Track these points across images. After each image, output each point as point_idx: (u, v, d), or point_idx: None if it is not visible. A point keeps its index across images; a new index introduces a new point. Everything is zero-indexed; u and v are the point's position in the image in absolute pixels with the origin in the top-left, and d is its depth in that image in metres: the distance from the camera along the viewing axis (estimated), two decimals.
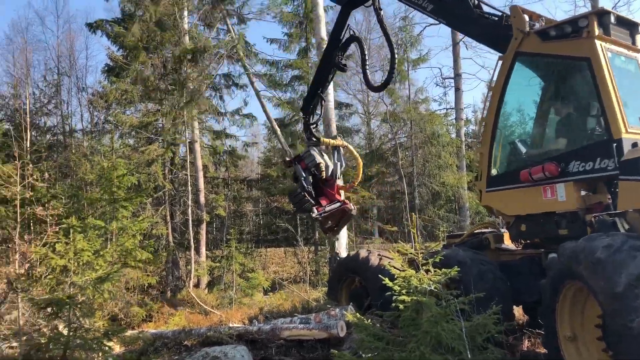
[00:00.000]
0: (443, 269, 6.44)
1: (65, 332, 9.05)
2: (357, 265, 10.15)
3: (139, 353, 9.32)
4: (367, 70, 9.58)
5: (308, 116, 10.18)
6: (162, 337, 9.81)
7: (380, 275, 7.16)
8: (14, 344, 9.61)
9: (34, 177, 9.73)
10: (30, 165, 8.95)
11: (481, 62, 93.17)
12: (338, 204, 9.74)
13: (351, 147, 10.79)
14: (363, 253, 10.38)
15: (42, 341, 8.95)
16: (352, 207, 10.11)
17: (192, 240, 19.86)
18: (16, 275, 9.29)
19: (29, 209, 10.64)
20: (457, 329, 5.74)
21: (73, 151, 23.66)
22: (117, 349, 10.08)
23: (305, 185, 9.61)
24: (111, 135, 21.09)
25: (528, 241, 8.52)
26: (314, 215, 9.63)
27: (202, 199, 21.66)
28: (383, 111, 30.56)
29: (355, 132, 29.70)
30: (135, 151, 21.03)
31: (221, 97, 27.33)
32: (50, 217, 11.42)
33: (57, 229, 10.77)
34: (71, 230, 9.45)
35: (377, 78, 36.55)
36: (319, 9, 17.61)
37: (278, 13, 24.43)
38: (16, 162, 10.25)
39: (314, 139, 10.01)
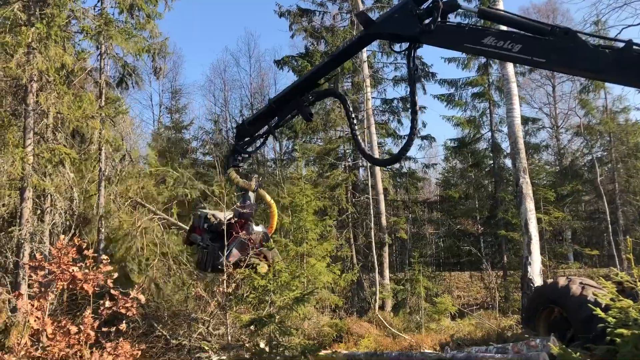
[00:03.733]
0: None
1: (266, 348, 9.74)
2: (557, 294, 9.43)
3: None
4: (359, 137, 7.94)
5: (241, 141, 9.03)
6: (354, 359, 10.00)
7: (589, 306, 6.49)
8: (223, 357, 10.58)
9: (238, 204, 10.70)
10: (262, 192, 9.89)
11: None
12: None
13: (261, 192, 9.43)
14: (562, 281, 9.62)
15: (247, 356, 9.74)
16: (247, 232, 9.02)
17: (375, 263, 20.16)
18: (224, 294, 10.22)
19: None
20: None
21: (266, 178, 25.71)
22: None
23: (202, 244, 9.01)
24: (298, 163, 22.46)
25: None
26: (220, 263, 8.97)
27: (383, 222, 21.90)
28: (575, 124, 28.24)
29: (543, 148, 27.71)
30: (320, 177, 22.13)
31: (399, 121, 27.61)
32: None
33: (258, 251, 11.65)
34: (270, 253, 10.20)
35: (566, 89, 33.94)
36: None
37: None
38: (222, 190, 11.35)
39: (230, 170, 8.99)
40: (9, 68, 12.89)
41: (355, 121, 8.18)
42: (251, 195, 9.20)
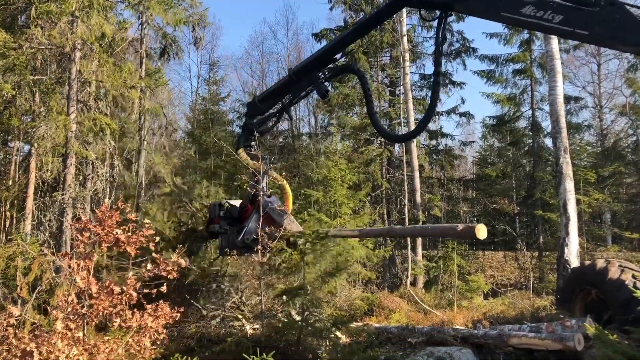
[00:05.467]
0: None
1: (298, 318, 9.90)
2: (594, 276, 9.29)
3: (365, 345, 9.71)
4: (376, 112, 7.71)
5: (253, 119, 8.88)
6: (386, 332, 10.09)
7: (629, 288, 6.37)
8: (256, 326, 10.81)
9: (273, 176, 10.80)
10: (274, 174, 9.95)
11: None
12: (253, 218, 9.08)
13: (272, 173, 9.36)
14: (601, 263, 9.45)
15: (279, 325, 9.92)
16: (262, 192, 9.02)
17: (409, 239, 20.14)
18: (259, 265, 10.38)
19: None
20: None
21: (301, 152, 25.80)
22: (344, 339, 10.68)
23: (221, 230, 9.29)
24: (334, 137, 22.46)
25: None
26: (255, 246, 9.22)
27: (417, 199, 21.80)
28: (620, 104, 27.31)
29: (585, 128, 26.92)
30: (355, 152, 22.09)
31: None
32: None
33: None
34: (304, 225, 10.31)
35: (612, 67, 32.75)
36: None
37: None
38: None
39: (240, 150, 8.98)
40: (53, 36, 13.18)
41: (372, 99, 7.99)
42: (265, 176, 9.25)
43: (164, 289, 5.11)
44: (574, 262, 13.65)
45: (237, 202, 10.12)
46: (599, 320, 8.61)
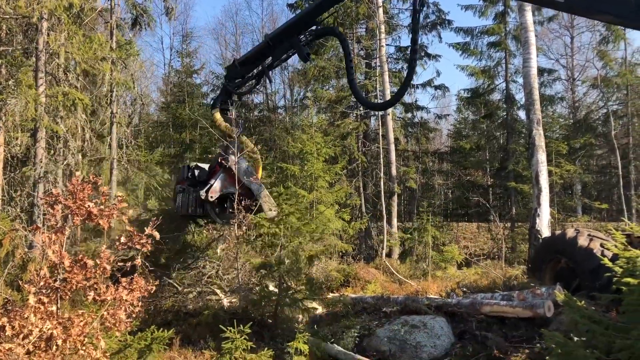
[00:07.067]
0: None
1: (275, 290, 9.97)
2: (564, 245, 9.51)
3: (341, 315, 9.85)
4: (355, 78, 7.57)
5: (232, 83, 8.79)
6: (361, 302, 10.25)
7: (597, 256, 6.55)
8: (233, 299, 10.86)
9: (248, 148, 10.72)
10: (244, 138, 9.86)
11: None
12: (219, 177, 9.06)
13: (244, 139, 9.39)
14: (570, 232, 9.68)
15: (256, 298, 9.99)
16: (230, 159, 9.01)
17: (384, 211, 20.32)
18: (236, 238, 10.39)
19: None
20: None
21: (276, 126, 25.62)
22: (320, 309, 10.82)
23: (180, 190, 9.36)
24: (309, 111, 22.32)
25: None
26: (201, 195, 9.21)
27: (393, 171, 21.91)
28: (592, 76, 27.65)
29: (558, 100, 27.25)
30: (331, 125, 22.03)
31: None
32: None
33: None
34: (280, 198, 10.31)
35: (584, 40, 33.15)
36: None
37: None
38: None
39: (215, 111, 8.92)
40: (19, 6, 12.74)
41: (352, 64, 7.92)
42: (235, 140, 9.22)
43: (138, 261, 5.08)
44: (546, 232, 13.95)
45: (206, 166, 10.03)
46: (568, 287, 8.85)
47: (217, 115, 9.11)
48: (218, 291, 11.06)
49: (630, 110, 23.11)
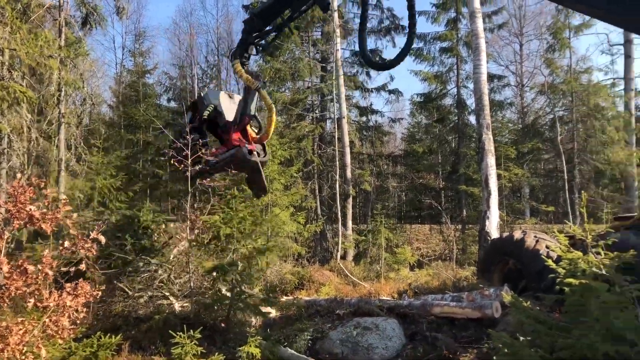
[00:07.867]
0: (616, 252, 5.86)
1: (228, 294, 9.85)
2: (512, 246, 9.74)
3: (294, 318, 9.82)
4: (365, 39, 7.15)
5: (252, 35, 8.40)
6: (315, 305, 10.25)
7: (542, 258, 6.73)
8: (185, 304, 10.67)
9: (203, 151, 10.55)
10: (200, 141, 9.64)
11: None
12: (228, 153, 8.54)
13: (264, 93, 8.78)
14: (518, 234, 9.93)
15: (209, 302, 9.84)
16: (247, 149, 8.43)
17: (339, 214, 20.43)
18: (188, 241, 10.22)
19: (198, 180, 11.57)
20: (634, 318, 5.23)
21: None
22: (274, 313, 10.75)
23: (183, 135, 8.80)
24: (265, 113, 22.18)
25: None
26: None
27: (348, 174, 22.06)
28: (539, 83, 28.63)
29: (507, 105, 28.09)
30: (287, 127, 22.00)
31: (367, 73, 27.44)
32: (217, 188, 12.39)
33: (220, 200, 11.64)
34: (233, 201, 10.20)
35: (533, 47, 34.32)
36: None
37: None
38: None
39: (236, 61, 8.44)
40: None
41: (367, 21, 7.69)
42: (255, 93, 8.59)
43: (82, 267, 4.92)
44: (495, 234, 14.26)
45: (236, 100, 9.35)
46: (516, 288, 9.08)
47: (238, 66, 8.80)
48: (170, 295, 10.85)
49: (575, 116, 24.00)
